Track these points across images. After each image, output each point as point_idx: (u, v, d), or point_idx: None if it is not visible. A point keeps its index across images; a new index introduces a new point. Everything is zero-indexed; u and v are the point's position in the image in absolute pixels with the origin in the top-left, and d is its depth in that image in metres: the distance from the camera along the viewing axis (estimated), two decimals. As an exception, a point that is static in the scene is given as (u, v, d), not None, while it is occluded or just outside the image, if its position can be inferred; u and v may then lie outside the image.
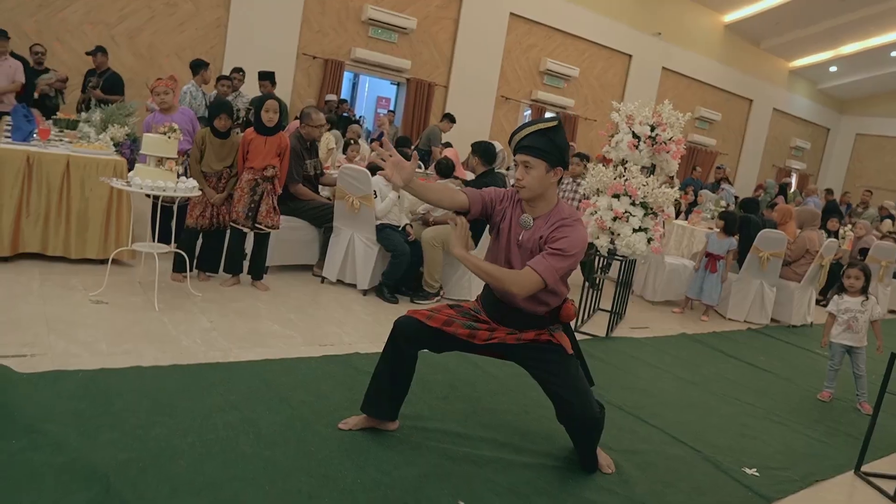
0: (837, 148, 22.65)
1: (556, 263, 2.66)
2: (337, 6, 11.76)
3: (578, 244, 2.69)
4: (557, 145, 2.76)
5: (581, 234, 2.72)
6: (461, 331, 2.89)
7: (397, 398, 3.05)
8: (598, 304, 6.36)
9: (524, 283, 2.66)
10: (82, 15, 9.59)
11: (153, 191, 4.19)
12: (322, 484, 2.59)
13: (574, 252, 2.68)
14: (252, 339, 4.09)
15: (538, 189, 2.78)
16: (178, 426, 2.82)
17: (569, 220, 2.75)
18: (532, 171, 2.75)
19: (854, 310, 4.80)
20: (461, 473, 2.84)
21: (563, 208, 2.82)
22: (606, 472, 3.07)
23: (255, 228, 5.00)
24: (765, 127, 19.99)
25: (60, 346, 3.49)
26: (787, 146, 21.16)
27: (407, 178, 2.73)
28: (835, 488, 3.48)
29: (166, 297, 4.52)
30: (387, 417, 3.07)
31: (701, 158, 17.89)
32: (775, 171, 20.64)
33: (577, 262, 2.72)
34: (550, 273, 2.66)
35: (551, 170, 2.77)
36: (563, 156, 2.78)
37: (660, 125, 5.72)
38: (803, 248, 7.20)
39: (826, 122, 22.22)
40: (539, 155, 2.74)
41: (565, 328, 2.95)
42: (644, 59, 16.22)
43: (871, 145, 21.89)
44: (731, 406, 4.39)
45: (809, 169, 22.15)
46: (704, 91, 18.05)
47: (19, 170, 4.62)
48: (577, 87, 15.33)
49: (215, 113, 4.95)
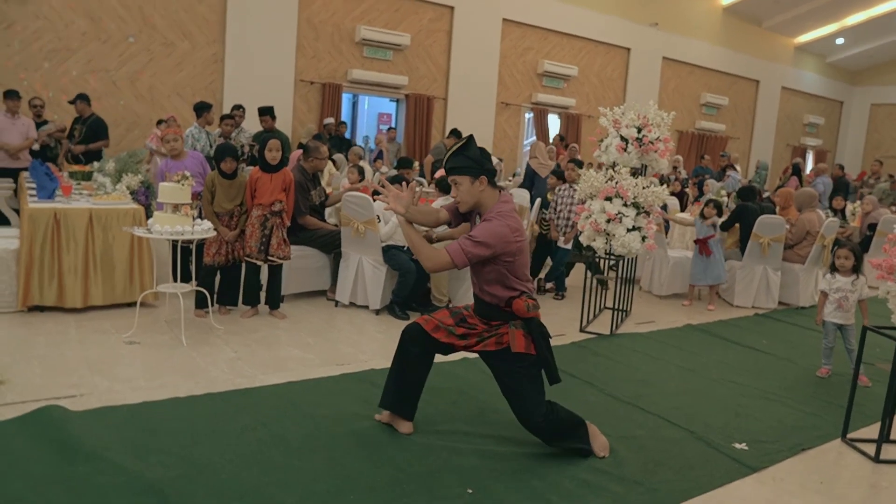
0: (853, 120, 22.89)
1: (467, 248, 3.18)
2: (330, 30, 12.35)
3: (489, 234, 3.20)
4: (473, 158, 3.30)
5: (495, 227, 3.22)
6: (444, 337, 3.44)
7: (407, 396, 3.57)
8: (604, 303, 6.81)
9: (435, 258, 3.23)
10: (83, 65, 10.23)
11: (173, 236, 4.72)
12: (346, 484, 3.07)
13: (484, 240, 3.18)
14: (274, 364, 4.60)
15: (470, 199, 3.35)
16: (216, 445, 3.33)
17: (491, 215, 3.29)
18: (460, 186, 3.33)
19: (845, 289, 5.20)
20: (468, 466, 3.32)
21: (494, 209, 3.33)
22: (600, 455, 3.52)
23: (268, 260, 5.53)
24: (775, 107, 20.31)
25: (104, 385, 4.02)
26: (800, 124, 21.45)
27: (406, 206, 3.35)
28: (820, 455, 3.89)
29: (192, 333, 5.05)
30: (398, 411, 3.60)
31: (711, 144, 18.27)
32: (790, 150, 20.93)
33: (491, 251, 3.20)
34: (458, 255, 3.19)
35: (475, 180, 3.31)
36: (482, 166, 3.32)
37: (645, 126, 6.15)
38: (804, 230, 7.60)
39: (838, 95, 22.48)
40: (460, 172, 3.31)
41: (534, 327, 3.39)
42: (643, 51, 16.66)
43: (888, 114, 22.11)
44: (728, 388, 4.82)
45: (826, 145, 22.40)
46: (708, 76, 18.44)
47: (48, 226, 5.19)
48: (578, 85, 15.80)
49: (220, 157, 5.49)
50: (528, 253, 3.45)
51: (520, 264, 3.34)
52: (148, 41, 10.67)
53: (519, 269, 3.35)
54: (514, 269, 3.32)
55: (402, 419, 3.64)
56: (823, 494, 3.41)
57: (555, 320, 6.36)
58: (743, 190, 8.04)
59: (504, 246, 3.23)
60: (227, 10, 11.16)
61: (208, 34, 11.17)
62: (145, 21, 10.60)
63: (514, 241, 3.26)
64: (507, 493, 3.10)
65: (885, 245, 4.09)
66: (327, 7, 12.27)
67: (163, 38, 10.80)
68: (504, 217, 3.27)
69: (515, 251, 3.28)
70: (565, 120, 15.59)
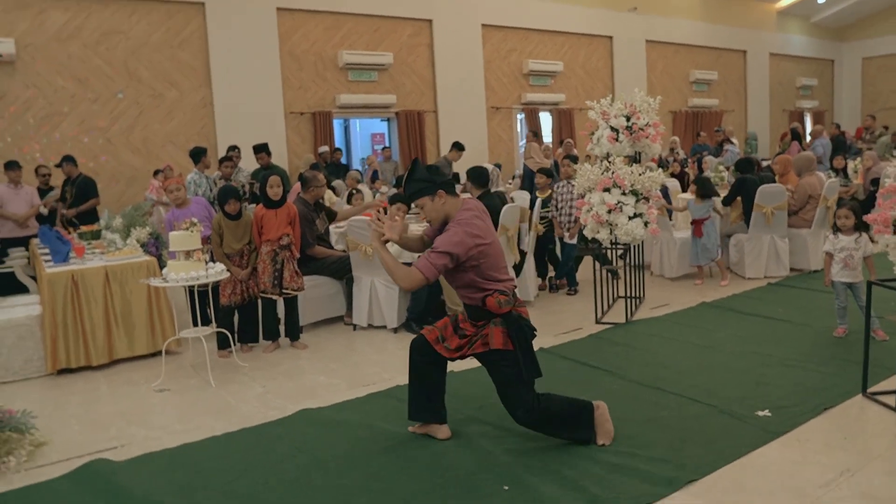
0: (846, 77, 22.99)
1: (433, 260, 3.40)
2: (312, 59, 12.61)
3: (449, 244, 3.41)
4: (423, 179, 3.59)
5: (453, 236, 3.42)
6: (444, 353, 3.68)
7: (430, 402, 3.78)
8: (617, 293, 6.96)
9: (408, 277, 3.45)
10: (76, 126, 10.52)
11: (189, 282, 4.92)
12: (386, 496, 3.25)
13: (445, 249, 3.40)
14: (302, 393, 4.78)
15: (437, 215, 3.61)
16: (258, 476, 3.51)
17: (451, 225, 3.53)
18: (424, 207, 3.62)
19: (849, 248, 5.33)
20: (501, 464, 3.49)
21: (455, 218, 3.54)
22: (599, 443, 3.65)
23: (283, 294, 5.72)
24: (765, 74, 20.45)
25: (142, 434, 4.20)
26: (793, 88, 21.57)
27: (400, 233, 3.61)
28: (843, 412, 4.03)
29: (219, 374, 5.23)
30: (427, 419, 3.81)
31: (707, 121, 18.40)
32: (787, 115, 21.04)
33: (454, 259, 3.40)
34: (427, 268, 3.40)
35: (434, 196, 3.57)
36: (434, 181, 3.57)
37: (634, 114, 6.32)
38: (805, 194, 7.74)
39: (828, 54, 22.60)
40: (418, 195, 3.60)
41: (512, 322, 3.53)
42: (625, 37, 16.86)
43: (880, 66, 22.20)
44: (746, 360, 4.96)
45: (822, 105, 22.50)
46: (695, 53, 18.62)
47: (67, 289, 5.40)
48: (565, 80, 16.01)
49: (224, 200, 5.69)
50: (499, 253, 3.62)
51: (488, 266, 3.52)
52: (136, 95, 10.95)
53: (488, 271, 3.53)
54: (483, 271, 3.52)
55: (435, 425, 3.83)
56: (848, 450, 3.54)
57: (570, 315, 6.53)
58: (740, 163, 8.19)
59: (466, 251, 3.43)
60: (210, 54, 11.44)
61: (194, 80, 11.45)
62: (131, 76, 10.89)
63: (474, 245, 3.45)
64: (542, 485, 3.26)
65: (879, 200, 4.24)
66: (307, 37, 12.53)
67: (150, 89, 11.08)
68: (462, 224, 3.49)
69: (479, 255, 3.47)
70: (557, 116, 15.79)
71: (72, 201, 8.77)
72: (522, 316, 3.62)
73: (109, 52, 10.70)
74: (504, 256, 3.70)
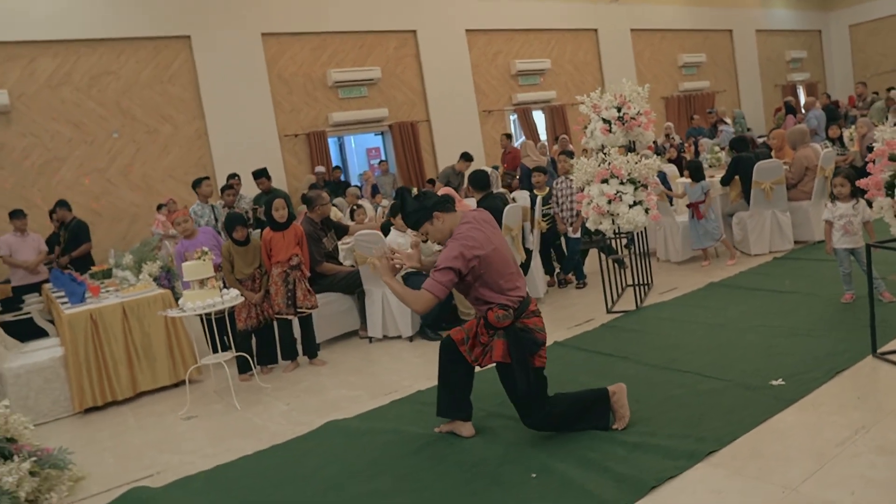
0: (835, 46, 23.12)
1: (438, 278, 3.59)
2: (301, 81, 12.81)
3: (449, 259, 3.60)
4: (415, 209, 3.81)
5: (451, 251, 3.62)
6: (468, 357, 3.83)
7: (456, 399, 3.94)
8: (625, 282, 7.10)
9: (421, 300, 3.62)
10: (76, 169, 10.71)
11: (206, 309, 5.08)
12: (420, 495, 3.40)
13: (447, 265, 3.59)
14: (326, 407, 4.93)
15: (441, 235, 3.80)
16: (294, 489, 3.67)
17: (449, 241, 3.72)
18: (428, 232, 3.83)
19: (847, 214, 5.48)
20: (527, 454, 3.64)
21: (454, 233, 3.73)
22: (612, 427, 3.80)
23: (297, 313, 5.88)
24: (753, 51, 20.60)
25: (175, 460, 4.36)
26: (783, 62, 21.71)
27: (418, 260, 3.92)
28: (854, 374, 4.17)
29: (242, 396, 5.39)
30: (452, 415, 3.98)
31: (700, 103, 18.54)
32: (779, 90, 21.16)
33: (455, 272, 3.58)
34: (435, 287, 3.58)
35: (431, 221, 3.77)
36: (425, 207, 3.77)
37: (624, 104, 6.47)
38: (802, 166, 7.87)
39: (814, 24, 22.75)
40: (419, 223, 3.81)
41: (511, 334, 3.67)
42: (609, 28, 17.04)
43: (868, 32, 22.32)
44: (757, 334, 5.10)
45: (814, 76, 22.62)
46: (681, 38, 18.79)
47: (87, 328, 5.57)
48: (554, 77, 16.19)
49: (230, 227, 5.88)
50: (503, 260, 3.75)
51: (492, 276, 3.67)
52: (132, 133, 11.14)
53: (493, 281, 3.68)
54: (487, 282, 3.68)
55: (460, 422, 4.00)
56: (862, 409, 3.68)
57: (581, 308, 6.68)
58: (734, 141, 8.33)
59: (466, 264, 3.61)
60: (200, 86, 11.63)
61: (187, 113, 11.64)
62: (125, 114, 11.08)
63: (473, 257, 3.61)
64: (568, 469, 3.41)
65: (870, 165, 4.39)
66: (294, 60, 12.73)
67: (145, 126, 11.28)
68: (458, 239, 3.66)
69: (480, 265, 3.63)
70: (549, 113, 15.96)
71: (64, 246, 8.93)
72: (526, 328, 3.72)
73: (101, 93, 10.91)
74: (511, 263, 3.82)
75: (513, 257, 3.91)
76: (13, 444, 3.88)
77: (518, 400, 3.75)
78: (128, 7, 11.00)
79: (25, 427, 4.03)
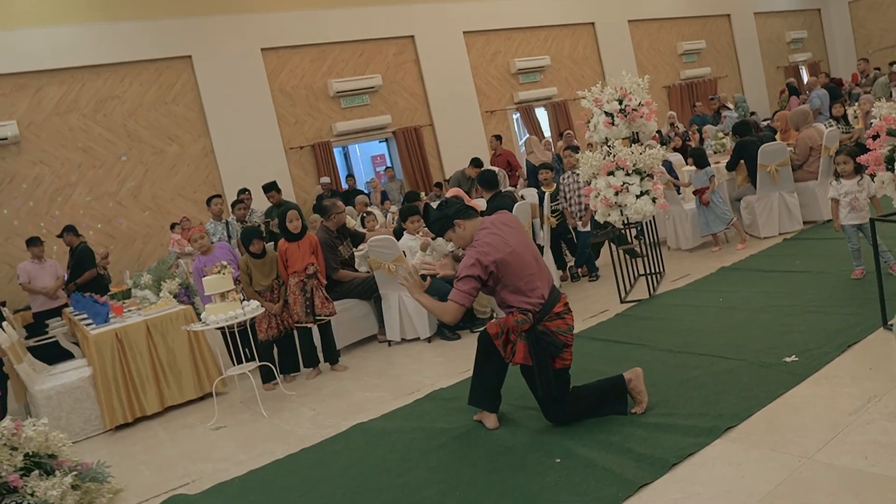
0: (836, 24, 23.15)
1: (461, 287, 3.85)
2: (304, 93, 13.01)
3: (466, 267, 3.85)
4: (436, 219, 4.10)
5: (468, 259, 3.86)
6: (498, 344, 3.98)
7: (485, 390, 4.12)
8: (637, 272, 7.24)
9: (450, 311, 3.91)
10: (87, 193, 10.94)
11: (228, 321, 5.26)
12: (450, 485, 3.55)
13: (466, 273, 3.83)
14: (351, 410, 5.10)
15: (463, 241, 4.07)
16: (327, 487, 3.83)
17: (467, 249, 3.97)
18: (452, 239, 4.13)
19: (852, 191, 5.60)
20: (551, 441, 3.80)
21: (473, 240, 3.97)
22: (631, 411, 3.95)
23: (316, 321, 6.05)
24: (753, 34, 20.68)
25: (209, 468, 4.54)
26: (783, 44, 21.77)
27: (452, 267, 4.24)
28: (866, 346, 4.30)
29: (268, 405, 5.56)
30: (481, 406, 4.15)
31: (702, 90, 18.65)
32: (782, 72, 21.24)
33: (476, 279, 3.81)
34: (459, 296, 3.85)
35: (453, 228, 4.03)
36: (446, 216, 4.03)
37: (625, 96, 6.62)
38: (806, 147, 7.99)
39: (813, 3, 22.80)
40: (442, 231, 4.10)
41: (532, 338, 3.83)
42: (607, 21, 17.18)
43: (869, 7, 22.34)
44: (770, 313, 5.23)
45: (816, 56, 22.66)
46: (679, 25, 18.90)
47: (113, 347, 5.77)
48: (554, 73, 16.34)
49: (247, 241, 6.06)
50: (522, 262, 3.90)
51: (511, 279, 3.85)
52: (139, 154, 11.37)
53: (514, 284, 3.86)
54: (507, 285, 3.87)
55: (487, 413, 4.17)
56: (874, 379, 3.81)
57: (595, 300, 6.82)
58: (737, 126, 8.47)
59: (484, 270, 3.81)
60: (204, 104, 11.85)
61: (192, 131, 11.87)
62: (131, 137, 11.31)
63: (490, 262, 3.81)
64: (591, 453, 3.56)
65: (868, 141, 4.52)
66: (295, 73, 12.94)
67: (151, 147, 11.50)
68: (475, 246, 3.89)
69: (498, 269, 3.82)
70: (552, 110, 16.10)
71: (71, 272, 9.13)
72: (547, 331, 3.86)
73: (107, 118, 11.14)
74: (531, 263, 3.95)
75: (535, 256, 4.04)
76: (54, 459, 4.08)
77: (540, 399, 3.94)
78: (128, 31, 11.23)
79: (63, 444, 4.24)
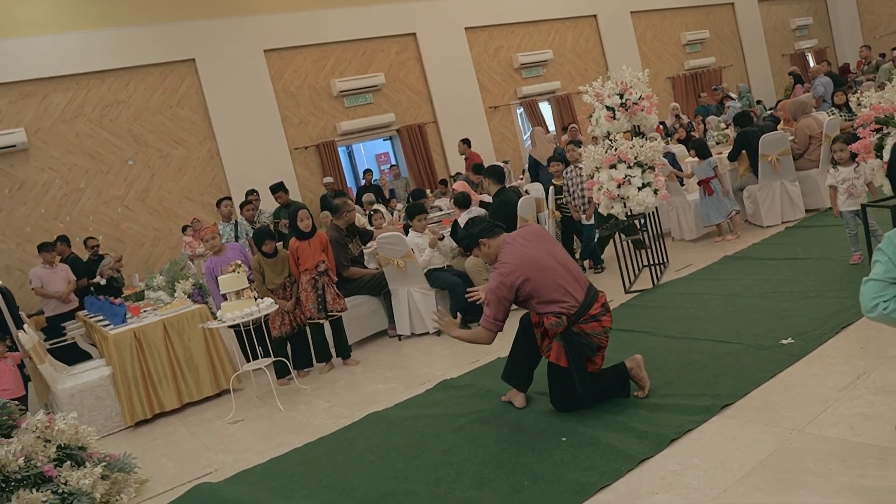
0: (841, 10, 23.30)
1: (489, 313, 4.13)
2: (307, 93, 13.30)
3: (491, 292, 4.12)
4: (463, 237, 4.44)
5: (491, 282, 4.13)
6: (537, 332, 4.26)
7: (516, 370, 4.44)
8: (641, 263, 7.49)
9: (482, 336, 4.21)
10: (95, 199, 11.23)
11: (244, 318, 5.54)
12: (462, 466, 3.83)
13: (493, 297, 4.10)
14: (365, 401, 5.38)
15: (489, 259, 4.31)
16: (345, 471, 4.12)
17: (492, 270, 4.22)
18: (479, 256, 4.39)
19: (850, 178, 5.85)
20: (559, 422, 4.08)
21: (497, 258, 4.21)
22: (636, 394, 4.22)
23: (328, 317, 6.34)
24: (757, 22, 20.86)
25: (230, 458, 4.83)
26: (788, 31, 21.95)
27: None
28: (859, 327, 4.54)
29: (284, 399, 5.84)
30: (513, 383, 4.46)
31: (707, 80, 18.84)
32: (787, 59, 21.42)
33: (507, 301, 4.08)
34: (490, 323, 4.14)
35: (479, 246, 4.29)
36: (472, 235, 4.29)
37: (626, 90, 6.87)
38: (805, 136, 8.23)
39: (818, -11, 23.00)
40: (469, 248, 4.40)
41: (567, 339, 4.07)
42: (609, 13, 17.40)
43: (874, -8, 22.51)
44: (770, 300, 5.48)
45: (822, 42, 22.84)
46: (682, 16, 19.11)
47: (132, 346, 6.06)
48: (558, 67, 16.58)
49: (260, 241, 6.36)
50: (546, 268, 4.11)
51: (539, 290, 4.07)
52: (146, 158, 11.67)
53: (542, 294, 4.08)
54: (535, 297, 4.09)
55: (516, 392, 4.47)
56: (866, 358, 4.07)
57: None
58: (737, 117, 8.71)
59: (509, 290, 4.07)
60: (208, 107, 12.14)
61: (198, 134, 12.16)
62: (137, 141, 11.61)
63: (514, 282, 4.05)
64: (595, 431, 3.84)
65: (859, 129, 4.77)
66: (298, 74, 13.22)
67: (158, 151, 11.80)
68: (498, 268, 4.14)
69: (522, 285, 4.05)
70: (556, 104, 16.35)
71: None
72: (582, 333, 4.08)
73: (113, 122, 11.44)
74: (557, 269, 4.13)
75: (562, 261, 4.21)
76: (84, 451, 4.37)
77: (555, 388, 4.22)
78: (132, 36, 11.52)
79: (91, 436, 4.53)
